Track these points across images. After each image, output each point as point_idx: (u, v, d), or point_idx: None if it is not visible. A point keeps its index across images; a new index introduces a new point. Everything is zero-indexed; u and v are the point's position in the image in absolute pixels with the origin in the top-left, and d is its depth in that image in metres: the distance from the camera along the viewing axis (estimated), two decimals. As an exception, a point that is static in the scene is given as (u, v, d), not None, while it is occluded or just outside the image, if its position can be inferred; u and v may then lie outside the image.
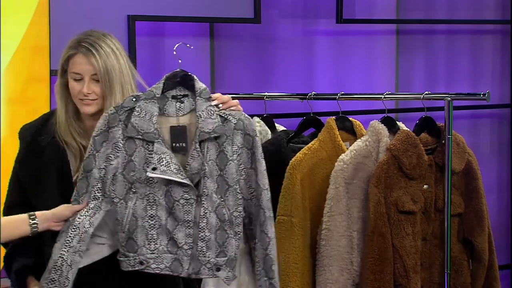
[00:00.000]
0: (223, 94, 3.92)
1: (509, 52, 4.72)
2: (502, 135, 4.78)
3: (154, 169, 2.48)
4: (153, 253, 2.50)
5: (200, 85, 2.57)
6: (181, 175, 2.48)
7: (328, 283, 2.98)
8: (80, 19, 3.45)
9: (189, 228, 2.50)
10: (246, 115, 2.58)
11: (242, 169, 2.56)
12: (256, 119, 3.33)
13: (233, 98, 3.70)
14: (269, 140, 3.22)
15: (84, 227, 2.50)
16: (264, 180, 2.57)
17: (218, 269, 2.53)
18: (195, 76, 2.58)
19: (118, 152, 2.52)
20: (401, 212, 2.98)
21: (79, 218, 2.50)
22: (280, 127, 3.38)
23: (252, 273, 3.09)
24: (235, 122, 2.55)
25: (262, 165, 2.57)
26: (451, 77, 4.62)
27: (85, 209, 2.52)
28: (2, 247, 2.75)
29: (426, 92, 3.11)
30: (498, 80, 4.75)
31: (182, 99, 2.58)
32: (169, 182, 2.50)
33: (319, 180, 3.06)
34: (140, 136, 2.51)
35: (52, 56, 3.29)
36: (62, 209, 2.53)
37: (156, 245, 2.50)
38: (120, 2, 3.56)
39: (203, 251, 2.51)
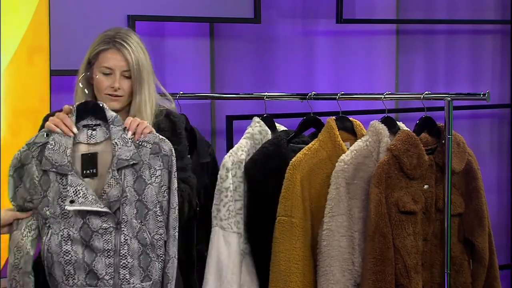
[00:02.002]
0: (223, 94, 3.94)
1: (509, 52, 4.72)
2: (502, 135, 4.78)
3: (71, 202, 2.49)
4: None
5: (111, 113, 2.60)
6: (100, 204, 2.50)
7: (330, 283, 2.97)
8: (80, 19, 3.45)
9: (109, 258, 2.52)
10: (160, 136, 2.63)
11: (164, 191, 2.61)
12: (256, 119, 3.32)
13: (233, 98, 3.73)
14: (269, 140, 3.22)
15: (27, 248, 2.54)
16: (174, 199, 2.62)
17: None
18: (105, 105, 2.61)
19: (34, 189, 2.55)
20: (402, 212, 2.98)
21: (22, 239, 2.54)
22: (280, 127, 3.38)
23: (252, 273, 3.09)
24: (150, 147, 2.60)
25: (174, 184, 2.62)
26: (451, 77, 4.62)
27: (27, 230, 2.55)
28: (1, 247, 2.75)
29: (426, 92, 3.11)
30: (498, 80, 4.75)
31: (94, 127, 2.61)
32: (86, 214, 2.51)
33: (320, 180, 3.06)
34: (54, 169, 2.53)
35: (52, 56, 3.29)
36: (4, 214, 2.55)
37: (74, 280, 2.52)
38: (120, 2, 3.56)
39: (126, 278, 2.53)
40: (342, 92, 3.26)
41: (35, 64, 3.28)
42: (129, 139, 2.57)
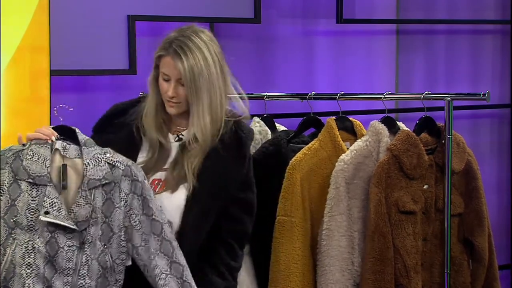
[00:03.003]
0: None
1: (509, 52, 4.72)
2: (502, 135, 4.78)
3: (46, 213, 2.46)
4: None
5: (82, 136, 2.59)
6: (70, 221, 2.48)
7: (329, 283, 2.97)
8: (80, 19, 3.45)
9: (68, 276, 2.48)
10: (133, 162, 2.60)
11: (130, 215, 2.56)
12: (256, 119, 3.32)
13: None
14: (269, 140, 3.22)
15: None
16: (161, 216, 2.58)
17: None
18: (77, 130, 2.60)
19: (1, 196, 2.49)
20: (401, 212, 2.98)
21: None
22: (280, 127, 3.38)
23: (251, 275, 3.09)
24: (122, 168, 2.56)
25: (152, 209, 2.56)
26: (451, 77, 4.62)
27: None
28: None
29: (426, 92, 3.11)
30: (498, 80, 4.75)
31: (69, 143, 2.58)
32: (54, 229, 2.48)
33: (319, 180, 3.06)
34: (30, 180, 2.49)
35: (52, 56, 3.29)
36: None
37: None
38: (120, 2, 3.56)
39: None
40: (342, 92, 3.26)
41: (35, 64, 3.28)
42: (102, 158, 2.55)
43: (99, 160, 2.55)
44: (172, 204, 2.69)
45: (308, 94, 3.33)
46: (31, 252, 2.47)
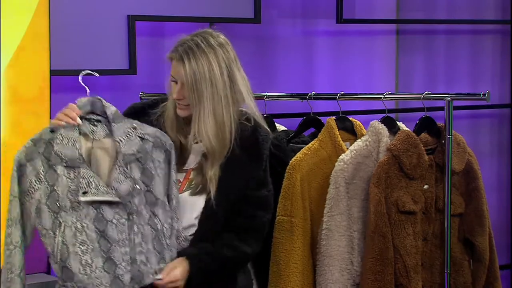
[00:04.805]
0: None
1: (509, 52, 4.72)
2: (502, 135, 4.78)
3: (84, 193, 2.53)
4: (90, 278, 2.52)
5: (110, 110, 2.65)
6: (111, 194, 2.54)
7: (329, 283, 2.97)
8: (80, 19, 3.45)
9: (124, 247, 2.55)
10: (161, 131, 2.68)
11: (166, 182, 2.67)
12: (256, 119, 3.32)
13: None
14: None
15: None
16: (173, 190, 2.68)
17: (160, 270, 2.60)
18: (104, 101, 2.65)
19: (39, 184, 2.56)
20: (401, 212, 2.98)
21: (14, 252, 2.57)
22: (280, 127, 3.38)
23: (252, 273, 3.08)
24: (152, 140, 2.64)
25: (172, 177, 2.67)
26: (451, 77, 4.62)
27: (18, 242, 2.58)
28: (1, 247, 2.75)
29: (426, 92, 3.11)
30: (498, 80, 4.76)
31: (95, 123, 2.65)
32: (99, 205, 2.54)
33: (319, 180, 3.06)
34: (64, 164, 2.55)
35: (52, 56, 3.29)
36: None
37: (92, 269, 2.53)
38: (120, 2, 3.56)
39: (143, 262, 2.57)
40: (342, 92, 3.26)
41: (35, 64, 3.28)
42: (132, 132, 2.62)
43: (129, 135, 2.61)
44: (190, 206, 2.74)
45: (308, 94, 3.33)
46: (82, 231, 2.54)
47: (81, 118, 2.63)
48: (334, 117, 3.17)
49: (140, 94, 3.59)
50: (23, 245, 2.59)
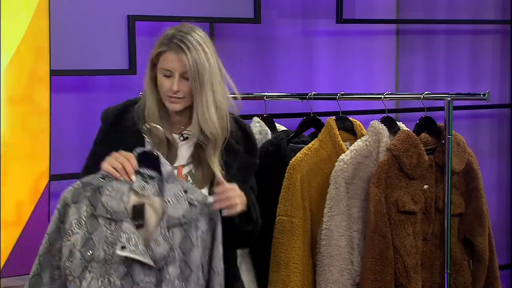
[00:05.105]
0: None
1: (509, 52, 4.72)
2: (502, 135, 4.78)
3: (123, 247, 2.43)
4: None
5: (166, 169, 2.54)
6: (148, 257, 2.44)
7: (329, 283, 2.97)
8: (80, 19, 3.45)
9: None
10: (210, 199, 2.55)
11: (206, 255, 2.53)
12: (256, 119, 3.32)
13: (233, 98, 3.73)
14: (269, 140, 3.22)
15: None
16: (219, 265, 2.54)
17: None
18: (162, 159, 2.55)
19: (78, 229, 2.48)
20: (401, 212, 2.98)
21: None
22: (280, 127, 3.38)
23: (252, 275, 3.08)
24: (200, 207, 2.53)
25: (219, 251, 2.54)
26: (451, 77, 4.62)
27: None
28: (0, 247, 2.75)
29: (426, 92, 3.11)
30: (498, 80, 4.75)
31: (147, 179, 2.55)
32: (130, 264, 2.45)
33: (319, 180, 3.06)
34: (108, 215, 2.47)
35: (52, 56, 3.29)
36: None
37: None
38: (120, 2, 3.56)
39: None
40: (342, 92, 3.26)
41: (35, 64, 3.28)
42: (182, 196, 2.52)
43: (179, 198, 2.51)
44: None
45: (308, 94, 3.33)
46: (108, 286, 2.45)
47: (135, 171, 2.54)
48: (334, 117, 3.17)
49: (140, 94, 3.59)
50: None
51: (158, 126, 2.69)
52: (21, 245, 3.25)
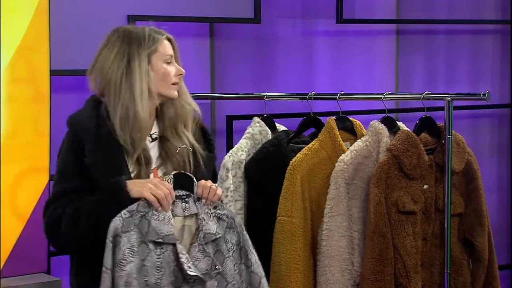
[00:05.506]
0: (223, 94, 3.94)
1: (509, 52, 4.72)
2: (502, 135, 4.78)
3: (189, 267, 2.52)
4: None
5: (196, 190, 2.62)
6: (197, 272, 2.54)
7: (329, 283, 2.97)
8: (80, 19, 3.45)
9: None
10: (233, 213, 2.68)
11: (236, 265, 2.65)
12: (256, 119, 3.32)
13: (233, 98, 3.73)
14: (269, 140, 3.22)
15: None
16: (259, 269, 2.67)
17: None
18: (195, 180, 2.62)
19: (132, 257, 2.50)
20: (401, 212, 2.98)
21: None
22: (280, 127, 3.38)
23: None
24: (228, 221, 2.65)
25: (254, 255, 2.67)
26: (451, 77, 4.63)
27: None
28: (0, 247, 2.75)
29: (426, 92, 3.11)
30: (498, 80, 4.76)
31: (186, 199, 2.61)
32: (179, 285, 2.52)
33: (320, 180, 3.06)
34: (160, 240, 2.52)
35: (52, 56, 3.29)
36: None
37: None
38: (120, 2, 3.56)
39: None
40: (342, 92, 3.26)
41: (35, 64, 3.28)
42: (211, 213, 2.62)
43: (209, 215, 2.62)
44: None
45: (308, 94, 3.33)
46: None
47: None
48: (334, 117, 3.17)
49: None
50: None
51: (187, 147, 2.72)
52: (21, 245, 3.25)
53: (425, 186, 3.04)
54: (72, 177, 2.59)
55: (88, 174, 2.57)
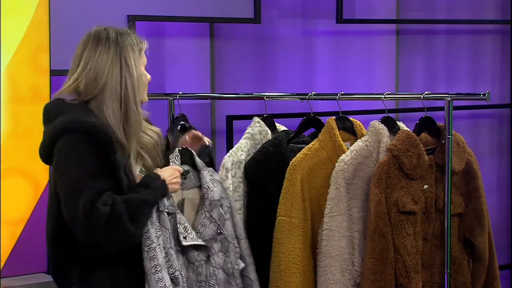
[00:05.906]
0: (223, 94, 3.94)
1: (509, 52, 4.72)
2: (502, 135, 4.78)
3: (185, 238, 2.69)
4: None
5: (198, 160, 2.84)
6: (201, 240, 2.73)
7: (330, 283, 2.97)
8: (80, 19, 3.45)
9: None
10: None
11: (235, 224, 2.89)
12: (256, 119, 3.32)
13: (233, 98, 3.73)
14: (269, 141, 3.22)
15: None
16: (240, 231, 2.90)
17: None
18: (194, 154, 2.83)
19: (160, 231, 2.66)
20: (402, 212, 2.98)
21: None
22: (280, 127, 3.38)
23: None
24: (222, 185, 2.88)
25: (237, 219, 2.91)
26: (451, 77, 4.63)
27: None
28: (0, 247, 2.75)
29: (426, 92, 3.11)
30: (498, 80, 4.76)
31: (185, 174, 2.79)
32: (186, 248, 2.69)
33: (320, 180, 3.06)
34: (166, 210, 2.67)
35: (52, 56, 3.30)
36: None
37: None
38: (120, 2, 3.56)
39: None
40: (342, 92, 3.25)
41: (35, 63, 3.28)
42: (215, 179, 2.84)
43: (213, 182, 2.84)
44: None
45: (308, 94, 3.33)
46: (174, 271, 2.66)
47: None
48: (334, 117, 3.17)
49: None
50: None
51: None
52: (21, 245, 3.25)
53: (425, 186, 3.04)
54: (104, 177, 2.59)
55: (114, 174, 2.60)
